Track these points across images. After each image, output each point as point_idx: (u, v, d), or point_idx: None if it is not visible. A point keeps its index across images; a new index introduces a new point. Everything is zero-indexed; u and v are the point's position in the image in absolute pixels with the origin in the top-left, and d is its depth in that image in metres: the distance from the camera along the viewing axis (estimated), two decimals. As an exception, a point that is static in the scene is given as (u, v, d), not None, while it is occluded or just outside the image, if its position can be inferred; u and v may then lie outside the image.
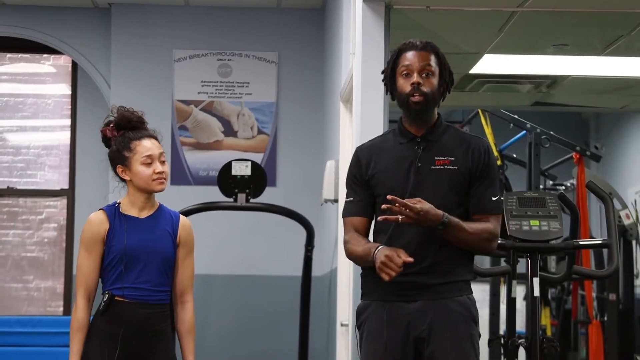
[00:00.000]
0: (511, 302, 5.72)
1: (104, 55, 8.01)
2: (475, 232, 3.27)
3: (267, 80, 7.93)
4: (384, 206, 3.20)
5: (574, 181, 7.36)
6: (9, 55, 8.76)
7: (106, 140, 3.89)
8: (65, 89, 8.68)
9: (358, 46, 5.28)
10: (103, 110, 8.14)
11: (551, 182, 7.98)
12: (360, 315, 3.37)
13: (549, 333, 7.98)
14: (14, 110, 8.70)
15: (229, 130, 7.88)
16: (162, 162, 3.81)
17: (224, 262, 7.80)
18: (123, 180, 3.84)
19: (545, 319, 7.93)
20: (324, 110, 7.71)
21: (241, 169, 6.52)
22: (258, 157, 7.72)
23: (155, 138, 3.83)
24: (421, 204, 3.18)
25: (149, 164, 3.78)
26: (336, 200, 6.42)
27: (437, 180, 3.29)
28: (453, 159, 3.30)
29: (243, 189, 6.49)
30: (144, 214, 3.81)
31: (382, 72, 3.46)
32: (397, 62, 3.38)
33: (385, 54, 5.16)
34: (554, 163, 7.77)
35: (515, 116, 7.05)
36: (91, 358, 3.64)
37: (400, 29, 5.53)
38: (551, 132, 6.93)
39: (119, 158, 3.82)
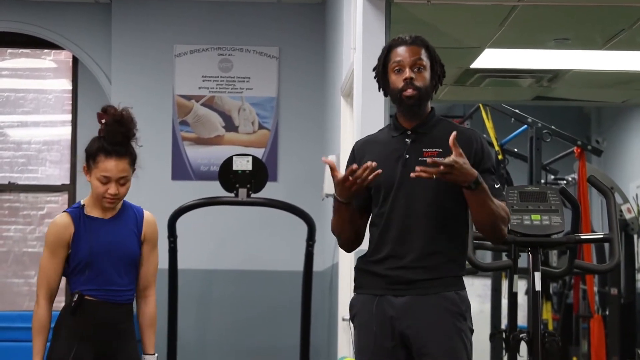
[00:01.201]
0: (513, 297, 5.73)
1: (105, 51, 8.00)
2: (498, 206, 3.23)
3: (268, 75, 7.92)
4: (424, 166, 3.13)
5: (575, 175, 7.36)
6: (9, 50, 8.75)
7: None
8: (66, 84, 8.68)
9: (359, 41, 5.27)
10: (104, 105, 8.14)
11: (552, 177, 7.98)
12: (352, 308, 3.40)
13: (550, 327, 7.98)
14: (15, 105, 8.69)
15: (230, 125, 7.88)
16: (122, 184, 3.77)
17: (225, 257, 7.81)
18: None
19: (547, 313, 7.94)
20: (324, 105, 7.70)
21: (242, 164, 6.51)
22: (259, 152, 7.72)
23: (128, 157, 3.78)
24: (455, 157, 3.12)
25: (104, 183, 3.75)
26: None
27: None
28: (441, 150, 3.28)
29: (244, 184, 6.49)
30: (108, 215, 3.82)
31: (374, 69, 3.46)
32: (388, 58, 3.39)
33: (386, 48, 5.15)
34: (555, 157, 7.76)
35: (517, 110, 7.05)
36: (60, 357, 3.66)
37: (400, 23, 5.52)
38: (552, 127, 6.93)
39: (86, 158, 3.81)
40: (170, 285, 6.79)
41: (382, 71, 3.40)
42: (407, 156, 3.32)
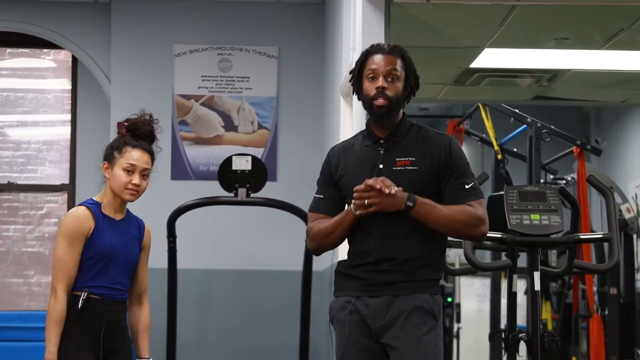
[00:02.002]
0: (512, 297, 5.72)
1: (104, 50, 8.00)
2: (451, 213, 3.28)
3: (268, 75, 7.92)
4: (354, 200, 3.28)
5: (575, 175, 7.36)
6: (9, 50, 8.75)
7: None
8: (66, 84, 8.68)
9: (358, 40, 5.27)
10: (103, 105, 8.15)
11: (552, 176, 7.98)
12: (331, 310, 3.47)
13: (549, 327, 7.98)
14: (14, 105, 8.69)
15: (230, 125, 7.88)
16: (144, 177, 3.82)
17: (225, 257, 7.81)
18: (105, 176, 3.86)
19: (546, 313, 7.94)
20: (324, 105, 7.70)
21: (241, 164, 6.51)
22: (258, 152, 7.72)
23: (151, 154, 3.84)
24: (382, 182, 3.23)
25: (129, 173, 3.78)
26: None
27: (398, 181, 3.32)
28: (414, 159, 3.35)
29: (243, 183, 6.49)
30: (118, 217, 3.88)
31: (350, 73, 3.51)
32: (364, 64, 3.44)
33: (385, 48, 5.15)
34: (554, 157, 7.76)
35: (516, 110, 7.05)
36: (70, 354, 3.68)
37: (400, 23, 5.52)
38: (552, 126, 6.93)
39: (108, 155, 3.86)
40: (169, 285, 6.79)
41: (358, 76, 3.45)
42: (381, 166, 3.38)
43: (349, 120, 6.05)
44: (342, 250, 6.13)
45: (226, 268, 7.81)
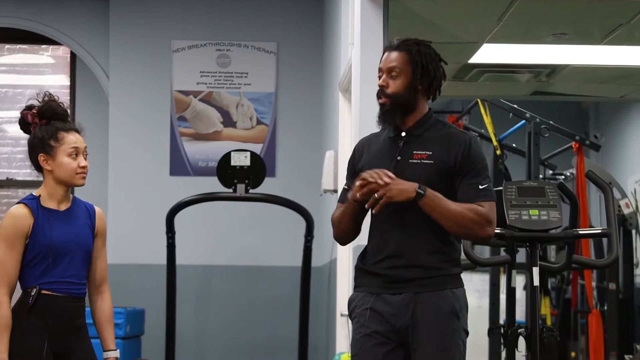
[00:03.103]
0: (511, 292, 5.72)
1: (103, 46, 7.99)
2: (460, 210, 3.26)
3: (266, 71, 7.92)
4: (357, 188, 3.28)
5: (574, 170, 7.36)
6: (7, 46, 8.75)
7: (24, 125, 3.76)
8: (64, 80, 8.68)
9: (357, 36, 5.27)
10: (102, 101, 8.15)
11: (551, 172, 7.98)
12: (351, 304, 3.44)
13: (548, 322, 7.99)
14: (13, 101, 8.69)
15: (228, 121, 7.87)
16: (86, 157, 3.74)
17: (224, 252, 7.80)
18: (39, 169, 3.75)
19: (545, 308, 7.94)
20: (323, 101, 7.70)
21: (240, 160, 6.51)
22: (257, 148, 7.71)
23: (80, 133, 3.77)
24: (387, 175, 3.23)
25: (74, 157, 3.70)
26: (335, 191, 6.41)
27: (413, 174, 3.31)
28: (430, 153, 3.34)
29: (242, 179, 6.49)
30: (62, 207, 3.72)
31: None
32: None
33: (384, 43, 5.15)
34: (553, 152, 7.76)
35: (515, 106, 7.05)
36: (25, 353, 3.58)
37: (399, 18, 5.52)
38: (550, 122, 6.92)
39: (42, 146, 3.69)
40: (168, 281, 6.79)
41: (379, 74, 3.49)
42: (399, 158, 3.37)
43: (348, 115, 6.05)
44: (341, 247, 6.14)
45: (225, 264, 7.80)
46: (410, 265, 3.31)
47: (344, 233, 3.48)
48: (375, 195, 3.23)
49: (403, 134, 3.40)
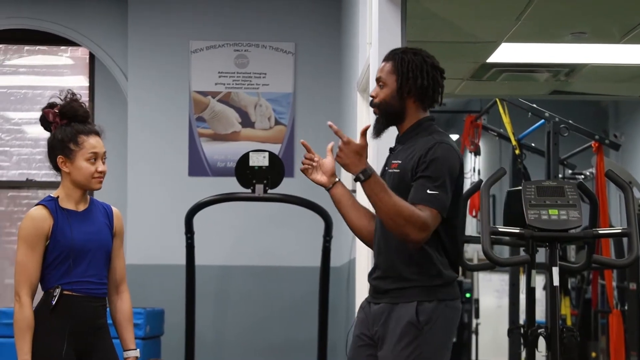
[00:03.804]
0: (530, 292, 5.71)
1: (121, 47, 8.02)
2: (399, 204, 3.23)
3: (284, 71, 7.92)
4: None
5: (593, 170, 7.33)
6: (26, 47, 8.79)
7: (45, 123, 3.77)
8: (83, 81, 8.71)
9: (375, 36, 5.26)
10: (121, 101, 8.18)
11: (570, 171, 7.95)
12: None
13: (569, 323, 7.96)
14: (33, 102, 8.73)
15: (247, 121, 7.88)
16: (104, 162, 3.74)
17: (243, 253, 7.82)
18: (57, 170, 3.76)
19: (565, 308, 7.91)
20: (340, 101, 7.70)
21: (259, 160, 6.51)
22: (275, 148, 7.72)
23: (100, 136, 3.77)
24: (345, 146, 3.35)
25: (93, 162, 3.71)
26: (354, 191, 6.40)
27: (390, 183, 3.36)
28: (400, 162, 3.38)
29: (261, 179, 6.49)
30: (80, 208, 3.74)
31: None
32: None
33: (402, 43, 5.15)
34: (572, 152, 7.73)
35: (534, 105, 7.03)
36: (47, 354, 3.60)
37: (417, 18, 5.51)
38: (570, 121, 6.90)
39: (62, 148, 3.70)
40: (187, 281, 6.80)
41: None
42: (386, 168, 3.47)
43: (366, 115, 6.05)
44: (360, 247, 6.13)
45: (244, 264, 7.81)
46: (386, 276, 3.37)
47: (351, 230, 3.63)
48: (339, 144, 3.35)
49: (396, 143, 3.48)
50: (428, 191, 3.26)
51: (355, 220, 3.52)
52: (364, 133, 3.35)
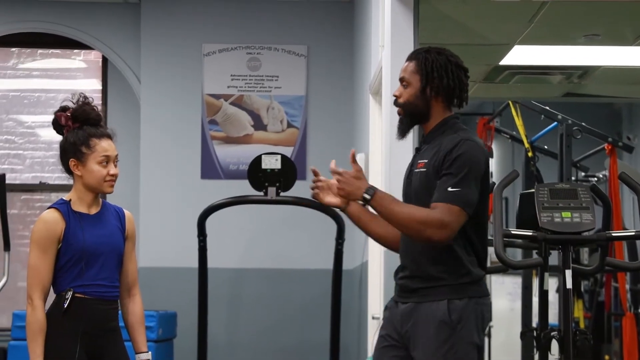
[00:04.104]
0: (543, 295, 5.69)
1: (134, 50, 8.04)
2: (409, 210, 3.25)
3: (297, 74, 7.93)
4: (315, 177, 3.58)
5: (606, 172, 7.31)
6: (40, 50, 8.81)
7: (58, 127, 3.79)
8: (96, 84, 8.72)
9: (387, 38, 5.26)
10: (133, 105, 8.19)
11: (583, 174, 7.93)
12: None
13: (582, 325, 7.94)
14: (46, 105, 8.75)
15: (259, 124, 7.89)
16: (116, 165, 3.75)
17: (255, 256, 7.82)
18: (69, 173, 3.76)
19: (578, 311, 7.89)
20: (353, 103, 7.70)
21: (271, 163, 6.51)
22: (288, 151, 7.72)
23: (112, 139, 3.77)
24: (340, 176, 3.40)
25: (105, 165, 3.71)
26: (366, 193, 6.40)
27: (416, 184, 3.36)
28: (426, 161, 3.36)
29: (273, 182, 6.48)
30: (92, 211, 3.75)
31: None
32: None
33: (414, 45, 5.14)
34: (585, 154, 7.72)
35: (547, 107, 7.02)
36: (60, 356, 3.61)
37: (429, 20, 5.51)
38: (583, 123, 6.89)
39: (73, 152, 3.72)
40: (200, 284, 6.80)
41: None
42: (412, 169, 3.44)
43: (379, 118, 6.04)
44: (372, 249, 6.12)
45: (256, 267, 7.82)
46: (414, 276, 3.35)
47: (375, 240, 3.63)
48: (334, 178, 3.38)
49: (421, 144, 3.46)
50: (449, 189, 3.25)
51: (379, 230, 3.50)
52: (353, 159, 3.42)
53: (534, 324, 7.01)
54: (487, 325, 3.38)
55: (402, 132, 3.46)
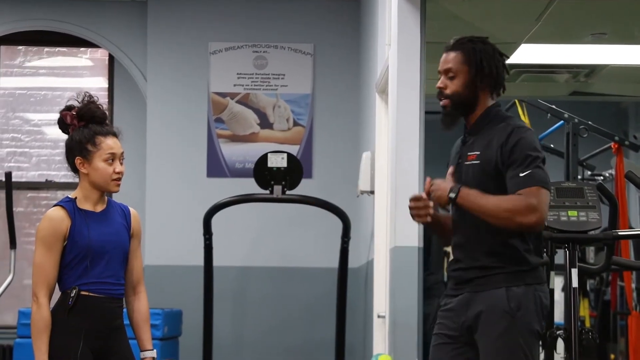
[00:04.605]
0: (549, 294, 5.69)
1: (141, 48, 8.04)
2: (497, 201, 3.22)
3: (303, 72, 7.92)
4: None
5: (613, 171, 7.29)
6: (46, 49, 8.82)
7: (63, 126, 3.77)
8: (103, 82, 8.73)
9: (394, 37, 5.26)
10: (140, 103, 8.20)
11: (589, 173, 7.91)
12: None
13: (587, 324, 7.92)
14: (52, 103, 8.76)
15: (265, 122, 7.89)
16: (122, 163, 3.75)
17: (261, 254, 7.82)
18: (75, 171, 3.77)
19: (584, 310, 7.87)
20: (359, 102, 7.69)
21: (277, 161, 6.51)
22: (294, 149, 7.72)
23: (118, 137, 3.77)
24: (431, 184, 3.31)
25: (110, 162, 3.71)
26: (372, 192, 6.40)
27: (468, 176, 3.33)
28: (478, 152, 3.33)
29: (279, 180, 6.49)
30: (98, 208, 3.74)
31: None
32: None
33: (421, 44, 5.14)
34: (592, 153, 7.69)
35: (553, 106, 7.00)
36: (63, 354, 3.60)
37: (436, 19, 5.50)
38: (589, 122, 6.87)
39: (79, 150, 3.70)
40: (205, 282, 6.81)
41: None
42: (460, 160, 3.39)
43: (385, 116, 6.04)
44: (378, 248, 6.11)
45: (262, 265, 7.82)
46: (470, 267, 3.32)
47: None
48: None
49: (467, 134, 3.41)
50: (520, 175, 3.24)
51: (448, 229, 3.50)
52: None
53: (540, 323, 6.99)
54: (546, 313, 3.34)
55: (448, 124, 3.40)
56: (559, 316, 6.76)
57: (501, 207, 3.23)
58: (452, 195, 3.25)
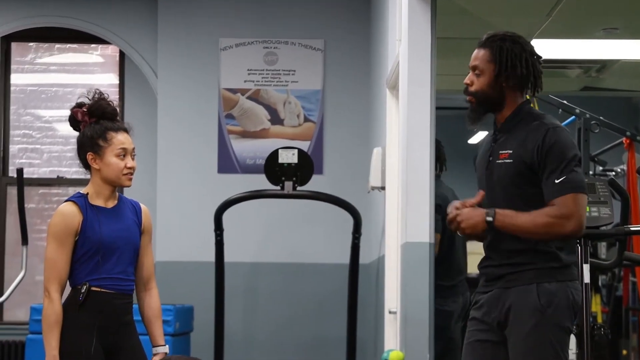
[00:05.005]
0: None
1: (151, 45, 8.04)
2: (531, 218, 3.21)
3: (313, 68, 7.92)
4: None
5: (625, 167, 7.28)
6: (57, 45, 8.84)
7: (74, 122, 3.80)
8: (113, 79, 8.75)
9: (404, 32, 5.25)
10: (150, 99, 8.21)
11: (601, 168, 7.89)
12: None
13: (599, 320, 7.91)
14: (63, 100, 8.78)
15: (276, 118, 7.89)
16: (133, 158, 3.75)
17: (272, 250, 7.82)
18: (87, 167, 3.78)
19: (596, 306, 7.86)
20: (370, 97, 7.68)
21: (288, 157, 6.51)
22: (305, 145, 7.72)
23: (129, 133, 3.78)
24: (457, 212, 3.26)
25: (122, 158, 3.72)
26: (383, 188, 6.39)
27: (499, 175, 3.31)
28: (511, 151, 3.30)
29: (290, 176, 6.49)
30: (110, 204, 3.76)
31: None
32: None
33: (431, 39, 5.13)
34: (603, 148, 7.68)
35: (564, 101, 6.98)
36: (75, 349, 3.62)
37: (446, 14, 5.49)
38: (601, 117, 6.85)
39: (91, 145, 3.73)
40: (217, 278, 6.81)
41: None
42: (490, 159, 3.37)
43: (395, 112, 6.03)
44: (389, 244, 6.11)
45: (273, 261, 7.82)
46: (500, 264, 3.31)
47: None
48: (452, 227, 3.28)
49: (497, 132, 3.39)
50: (555, 181, 3.22)
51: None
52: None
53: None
54: (577, 310, 3.32)
55: (474, 120, 3.39)
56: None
57: (537, 223, 3.21)
58: (490, 219, 3.21)
